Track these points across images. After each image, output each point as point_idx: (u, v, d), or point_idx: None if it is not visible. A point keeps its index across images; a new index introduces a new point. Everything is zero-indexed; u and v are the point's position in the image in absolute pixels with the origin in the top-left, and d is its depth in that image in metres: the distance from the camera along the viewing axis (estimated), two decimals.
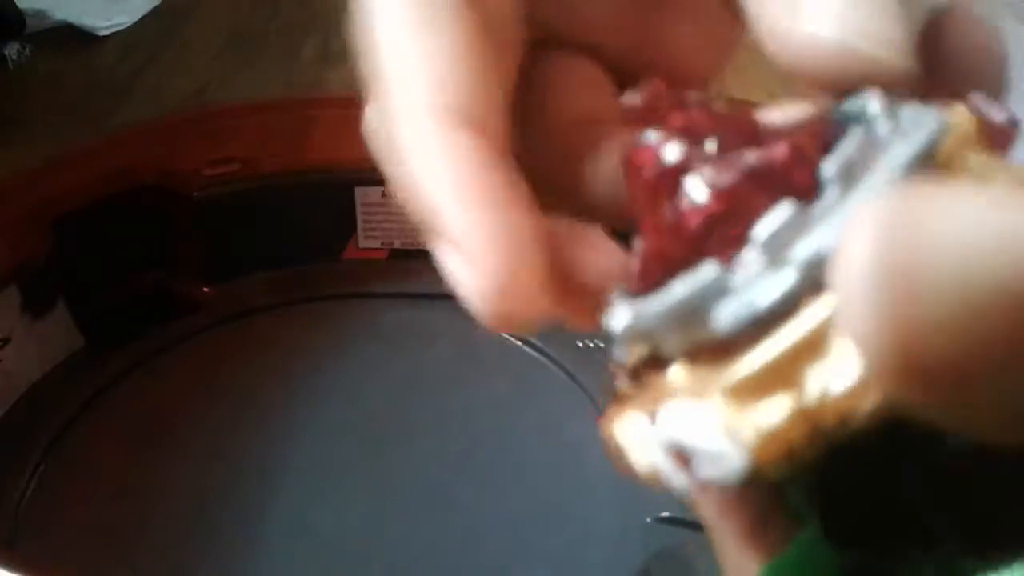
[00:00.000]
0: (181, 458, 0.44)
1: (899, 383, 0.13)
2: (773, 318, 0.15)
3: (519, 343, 0.50)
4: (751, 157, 0.16)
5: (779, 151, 0.16)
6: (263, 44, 0.89)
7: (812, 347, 0.14)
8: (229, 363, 0.49)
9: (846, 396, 0.14)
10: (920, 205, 0.12)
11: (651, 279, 0.17)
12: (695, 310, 0.16)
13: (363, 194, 0.54)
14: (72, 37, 0.88)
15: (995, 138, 0.16)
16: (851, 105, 0.17)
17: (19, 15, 0.83)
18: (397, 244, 0.56)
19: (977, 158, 0.15)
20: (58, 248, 0.48)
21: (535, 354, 0.50)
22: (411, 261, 0.56)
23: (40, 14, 0.88)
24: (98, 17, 0.89)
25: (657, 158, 0.17)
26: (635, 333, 0.17)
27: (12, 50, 0.82)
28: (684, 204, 0.16)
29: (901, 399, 0.13)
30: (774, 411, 0.15)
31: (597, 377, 0.48)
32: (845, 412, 0.14)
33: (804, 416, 0.15)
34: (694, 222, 0.16)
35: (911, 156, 0.15)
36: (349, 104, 0.58)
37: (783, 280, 0.15)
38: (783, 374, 0.15)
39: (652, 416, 0.16)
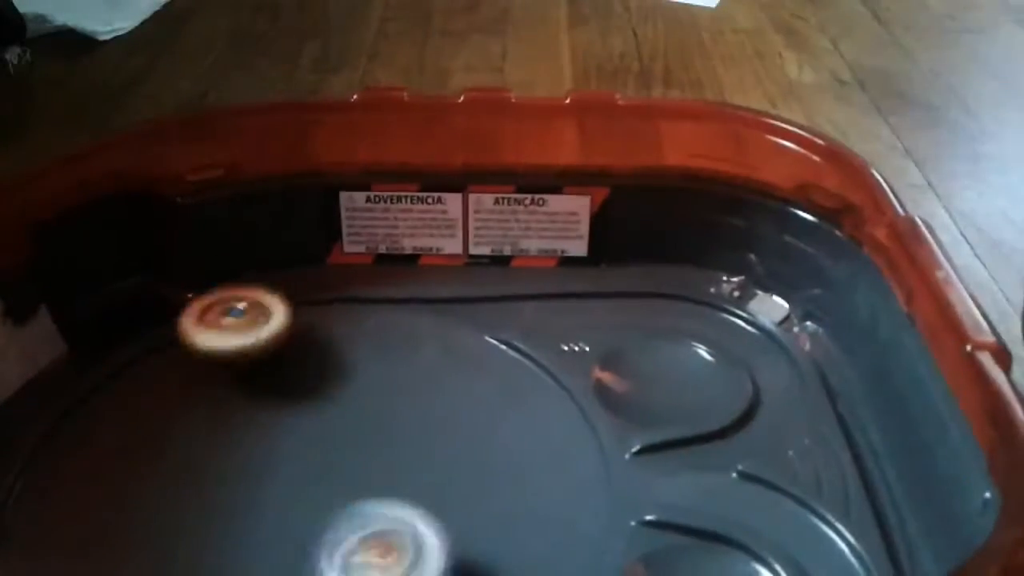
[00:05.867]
0: (165, 463, 0.44)
1: None
2: None
3: (503, 347, 0.50)
4: None
5: None
6: (263, 49, 0.89)
7: None
8: (213, 368, 0.49)
9: None
10: None
11: None
12: None
13: (348, 199, 0.54)
14: (73, 42, 0.88)
15: None
16: None
17: (20, 19, 0.84)
18: (382, 249, 0.56)
19: None
20: (40, 253, 0.48)
21: (519, 357, 0.50)
22: (395, 266, 0.56)
23: (41, 19, 0.88)
24: (99, 22, 0.90)
25: None
26: None
27: (13, 54, 0.83)
28: None
29: None
30: None
31: (581, 380, 0.48)
32: None
33: None
34: None
35: None
36: (334, 109, 0.59)
37: None
38: None
39: None
